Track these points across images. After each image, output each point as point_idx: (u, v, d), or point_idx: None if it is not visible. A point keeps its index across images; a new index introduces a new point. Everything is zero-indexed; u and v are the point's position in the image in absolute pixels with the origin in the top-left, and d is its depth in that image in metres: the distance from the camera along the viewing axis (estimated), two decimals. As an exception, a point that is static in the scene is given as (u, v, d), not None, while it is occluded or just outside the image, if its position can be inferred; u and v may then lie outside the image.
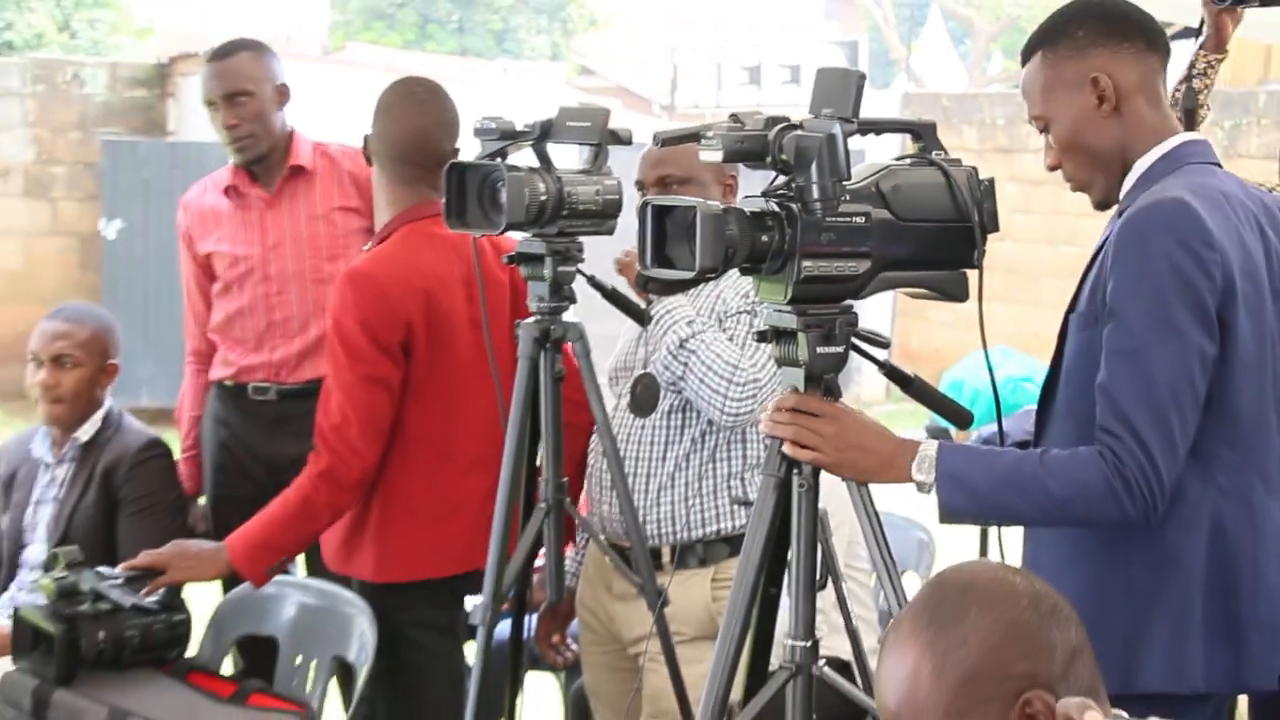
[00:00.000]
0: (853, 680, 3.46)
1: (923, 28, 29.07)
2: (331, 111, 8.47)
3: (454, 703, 4.22)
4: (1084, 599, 3.11)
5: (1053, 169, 3.39)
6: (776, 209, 2.98)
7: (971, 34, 28.74)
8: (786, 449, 3.11)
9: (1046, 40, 3.30)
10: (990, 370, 3.42)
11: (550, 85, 20.12)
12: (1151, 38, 3.30)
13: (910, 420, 9.39)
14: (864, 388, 14.12)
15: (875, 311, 15.59)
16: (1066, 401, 3.22)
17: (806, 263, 2.99)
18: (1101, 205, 3.36)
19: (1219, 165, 3.36)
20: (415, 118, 4.30)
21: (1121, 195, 3.28)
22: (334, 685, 4.55)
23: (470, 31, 31.13)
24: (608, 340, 4.42)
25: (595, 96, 20.20)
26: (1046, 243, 15.38)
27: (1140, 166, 3.26)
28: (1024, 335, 13.73)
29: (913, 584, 5.09)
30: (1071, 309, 3.29)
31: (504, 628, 4.44)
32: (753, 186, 3.13)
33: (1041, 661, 2.20)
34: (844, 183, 3.00)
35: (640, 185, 4.14)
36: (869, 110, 3.09)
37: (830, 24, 28.66)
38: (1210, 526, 3.20)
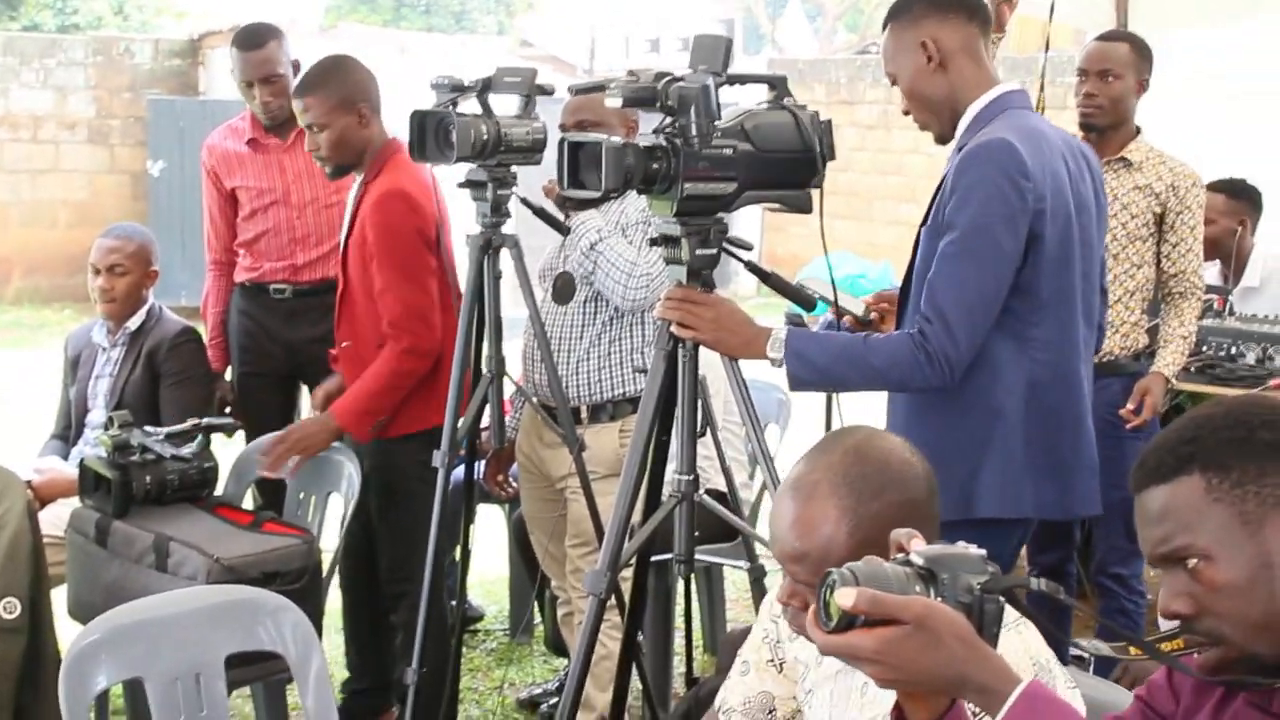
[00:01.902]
0: (727, 506, 3.46)
1: (784, 8, 29.02)
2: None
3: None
4: (931, 446, 3.15)
5: (905, 114, 3.46)
6: (664, 143, 2.95)
7: (822, 13, 28.72)
8: (674, 329, 3.10)
9: (892, 16, 3.36)
10: (829, 269, 3.42)
11: (497, 55, 19.99)
12: (972, 11, 3.34)
13: (775, 312, 9.38)
14: (739, 285, 14.15)
15: (747, 225, 15.61)
16: (916, 295, 3.23)
17: (687, 185, 2.97)
18: (940, 140, 3.40)
19: (1033, 110, 3.41)
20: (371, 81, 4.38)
21: (958, 134, 3.32)
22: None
23: (435, 13, 30.94)
24: (538, 249, 4.39)
25: (532, 63, 20.05)
26: (878, 173, 15.54)
27: (971, 112, 3.31)
28: (860, 243, 13.88)
29: (773, 434, 5.15)
30: (923, 225, 3.31)
31: (459, 472, 4.45)
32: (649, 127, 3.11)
33: (925, 527, 2.17)
34: (715, 123, 2.98)
35: (562, 127, 4.10)
36: (738, 68, 3.08)
37: (715, 5, 28.55)
38: (1026, 388, 3.25)
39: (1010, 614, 2.32)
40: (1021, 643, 2.24)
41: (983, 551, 1.76)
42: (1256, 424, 1.82)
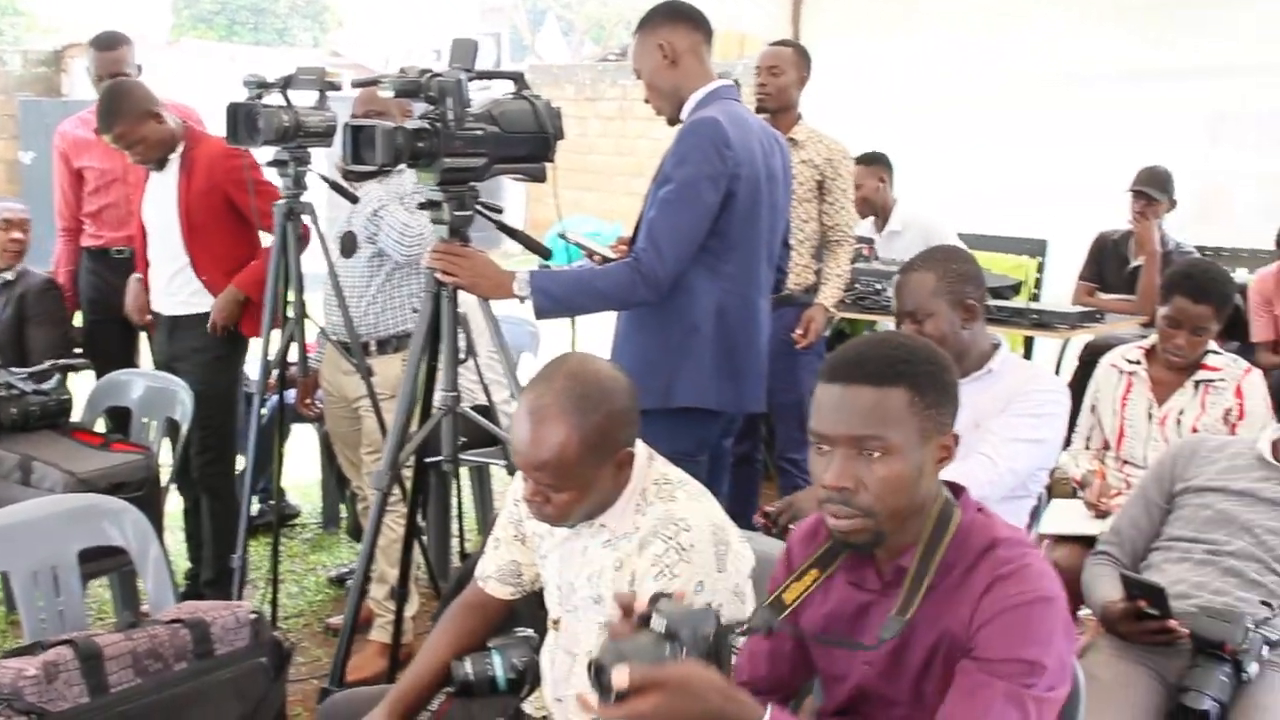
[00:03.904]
0: (487, 418, 3.43)
1: (543, 24, 28.87)
2: (172, 84, 8.13)
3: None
4: (644, 352, 3.31)
5: (645, 102, 3.51)
6: (428, 126, 2.91)
7: (573, 29, 28.71)
8: (438, 276, 3.07)
9: (640, 24, 3.43)
10: (563, 232, 3.43)
11: (312, 63, 19.50)
12: (698, 22, 3.43)
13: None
14: (510, 244, 14.04)
15: (514, 196, 15.54)
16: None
17: (447, 159, 2.94)
18: (670, 123, 3.44)
19: (739, 101, 3.47)
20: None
21: (683, 118, 3.37)
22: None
23: (261, 29, 29.97)
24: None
25: (339, 69, 19.55)
26: (616, 155, 15.60)
27: (693, 100, 3.38)
28: (602, 209, 13.98)
29: (529, 360, 5.13)
30: (652, 183, 3.33)
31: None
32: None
33: (632, 429, 2.27)
34: (468, 109, 2.95)
35: (354, 116, 4.00)
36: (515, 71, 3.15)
37: (485, 22, 28.24)
38: (716, 311, 3.33)
39: (694, 485, 2.35)
40: (702, 510, 2.27)
41: (708, 604, 1.78)
42: (946, 365, 1.94)
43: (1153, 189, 5.83)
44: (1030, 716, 1.76)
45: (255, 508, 5.23)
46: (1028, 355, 5.81)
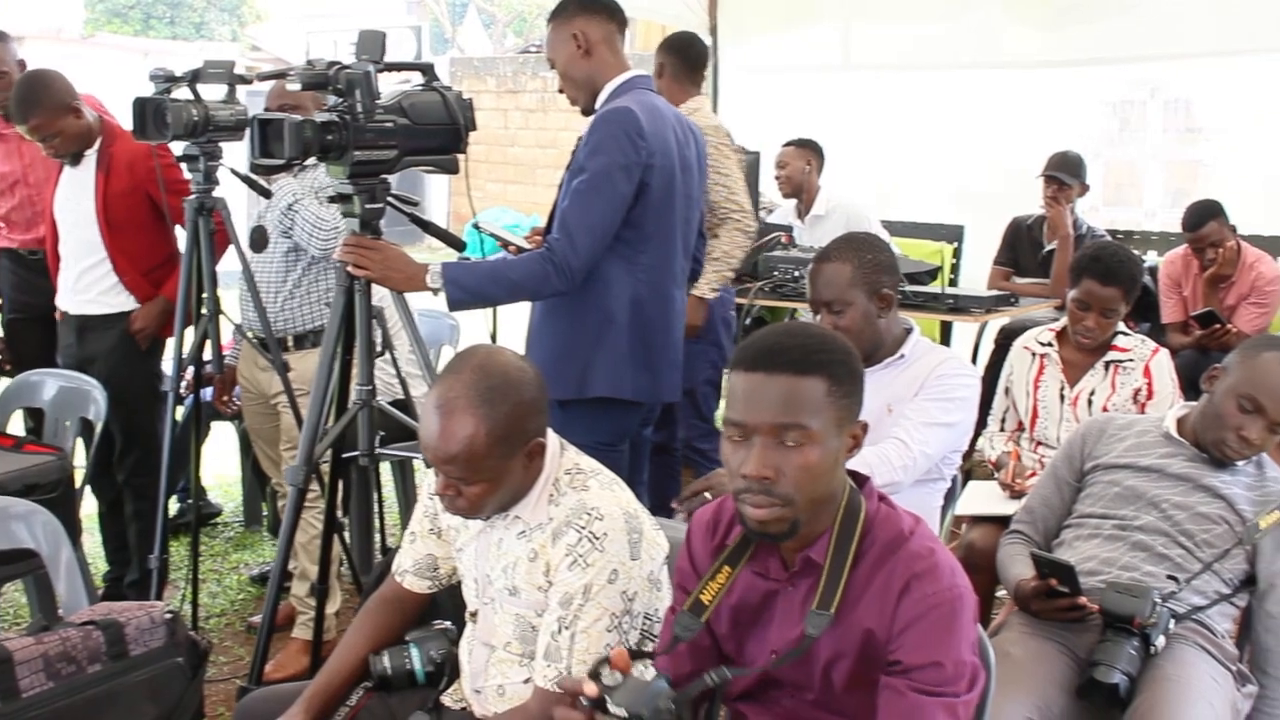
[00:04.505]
0: (406, 412, 3.40)
1: (464, 17, 28.70)
2: (87, 78, 8.00)
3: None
4: (557, 344, 3.28)
5: (560, 92, 3.49)
6: (337, 119, 2.87)
7: (495, 21, 28.57)
8: (350, 269, 3.03)
9: (553, 14, 3.42)
10: (477, 223, 3.41)
11: (231, 57, 19.22)
12: (612, 12, 3.42)
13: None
14: (432, 239, 13.99)
15: (437, 190, 15.45)
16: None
17: (357, 153, 2.90)
18: (585, 112, 3.42)
19: (653, 91, 3.46)
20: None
21: (598, 107, 3.35)
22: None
23: (178, 23, 29.48)
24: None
25: (259, 64, 19.30)
26: (538, 147, 15.59)
27: (608, 90, 3.36)
28: (525, 202, 13.96)
29: (447, 353, 5.09)
30: (566, 172, 3.31)
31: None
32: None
33: (540, 420, 2.26)
34: (378, 101, 2.91)
35: (267, 109, 3.94)
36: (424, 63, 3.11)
37: (407, 15, 28.00)
38: (631, 301, 3.32)
39: (607, 474, 2.35)
40: (615, 499, 2.27)
41: (656, 675, 1.75)
42: (856, 355, 1.95)
43: (1064, 174, 5.91)
44: None
45: (175, 507, 5.16)
46: (945, 339, 5.86)
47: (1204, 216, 5.42)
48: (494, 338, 4.22)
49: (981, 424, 3.85)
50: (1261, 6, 6.09)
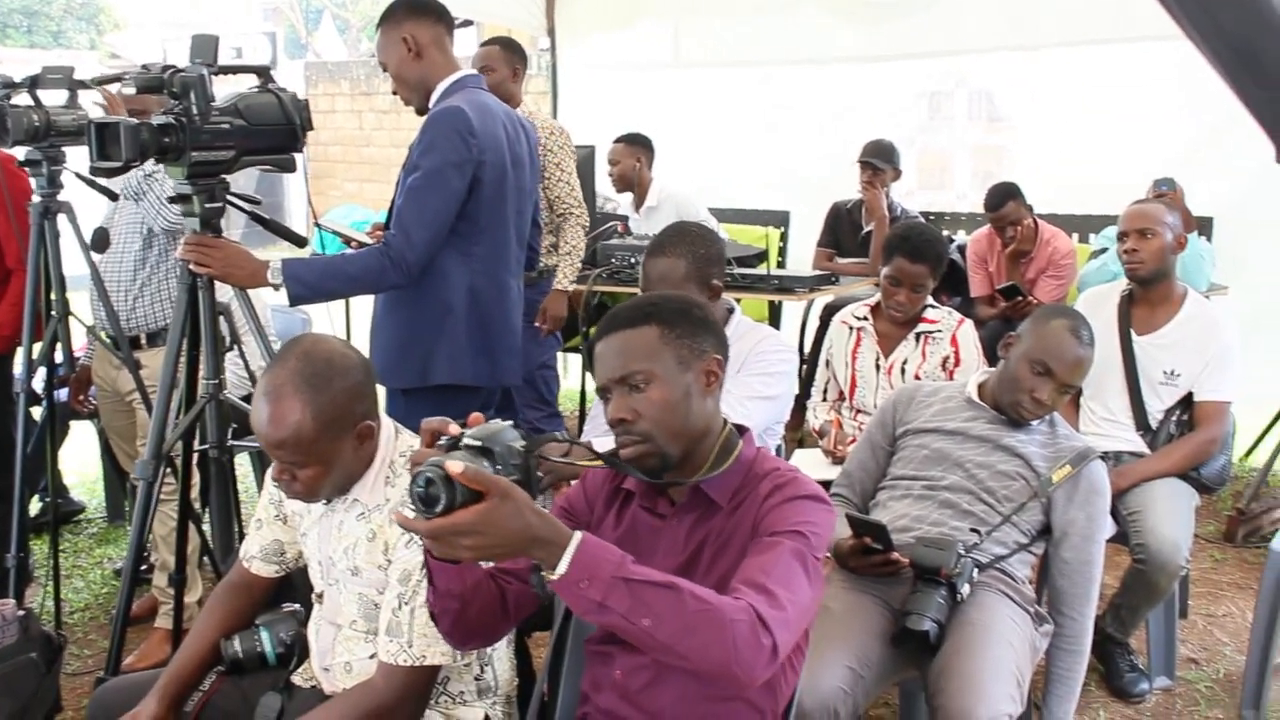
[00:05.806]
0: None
1: (320, 23, 28.16)
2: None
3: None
4: (398, 335, 3.26)
5: (394, 94, 3.44)
6: (174, 121, 2.81)
7: (349, 26, 28.10)
8: (191, 267, 2.96)
9: (382, 19, 3.36)
10: (318, 220, 3.33)
11: (89, 65, 18.56)
12: (439, 14, 3.37)
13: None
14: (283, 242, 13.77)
15: (297, 190, 15.15)
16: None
17: (195, 154, 2.84)
18: (419, 113, 3.38)
19: (484, 89, 3.43)
20: None
21: (430, 107, 3.31)
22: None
23: (35, 31, 28.36)
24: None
25: (119, 71, 18.65)
26: (393, 146, 15.36)
27: (439, 90, 3.32)
28: (381, 200, 13.61)
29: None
30: (402, 170, 3.27)
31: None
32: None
33: (368, 403, 2.25)
34: (213, 103, 2.86)
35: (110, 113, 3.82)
36: (277, 71, 3.09)
37: (262, 20, 27.35)
38: (468, 291, 3.29)
39: None
40: None
41: (510, 422, 1.72)
42: (693, 303, 2.07)
43: (878, 160, 6.03)
44: (809, 573, 1.82)
45: (36, 506, 4.98)
46: (775, 319, 5.95)
47: (1002, 198, 5.58)
48: (347, 331, 4.15)
49: (805, 395, 3.92)
50: (1055, 4, 6.29)
